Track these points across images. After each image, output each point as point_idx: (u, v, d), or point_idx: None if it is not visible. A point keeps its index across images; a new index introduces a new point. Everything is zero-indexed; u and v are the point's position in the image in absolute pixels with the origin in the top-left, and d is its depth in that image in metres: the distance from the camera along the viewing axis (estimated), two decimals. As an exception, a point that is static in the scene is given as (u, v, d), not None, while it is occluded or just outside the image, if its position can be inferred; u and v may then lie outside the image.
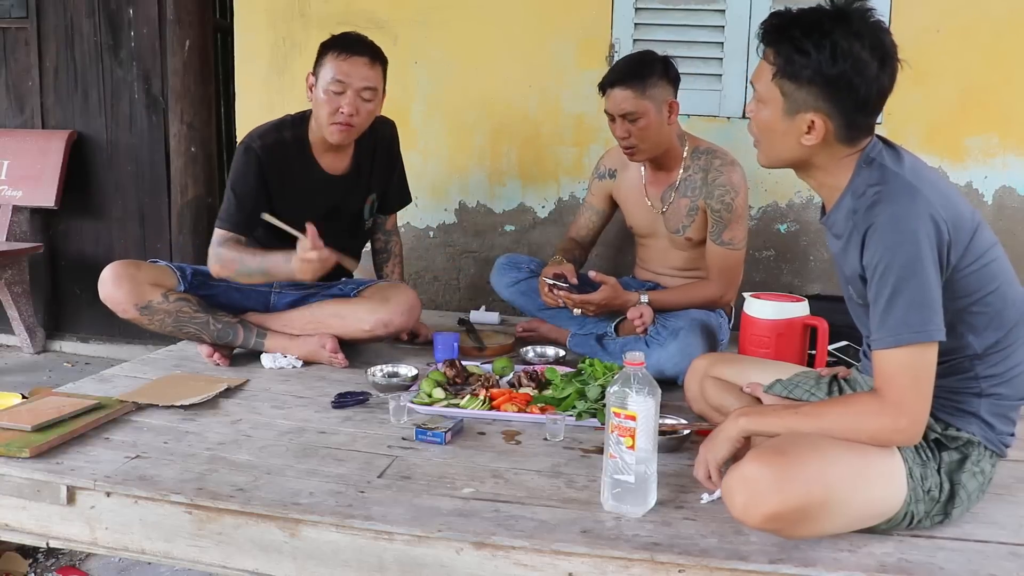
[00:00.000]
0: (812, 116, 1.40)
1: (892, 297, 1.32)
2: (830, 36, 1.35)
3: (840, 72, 1.36)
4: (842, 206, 1.46)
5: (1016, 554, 1.37)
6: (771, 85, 1.43)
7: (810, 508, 1.31)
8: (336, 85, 2.24)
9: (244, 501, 1.50)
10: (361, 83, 2.25)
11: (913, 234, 1.32)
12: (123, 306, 2.27)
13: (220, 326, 2.34)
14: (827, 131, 1.41)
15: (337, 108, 2.25)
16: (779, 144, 1.47)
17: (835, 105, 1.39)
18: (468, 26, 3.11)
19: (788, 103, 1.42)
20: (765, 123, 1.47)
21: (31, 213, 3.69)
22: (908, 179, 1.38)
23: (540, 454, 1.77)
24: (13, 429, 1.72)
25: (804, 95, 1.40)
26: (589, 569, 1.37)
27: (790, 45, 1.39)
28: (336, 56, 2.25)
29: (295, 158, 2.37)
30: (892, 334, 1.32)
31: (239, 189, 2.33)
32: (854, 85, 1.37)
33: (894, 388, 1.33)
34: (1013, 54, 2.76)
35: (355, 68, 2.25)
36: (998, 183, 2.85)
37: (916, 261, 1.31)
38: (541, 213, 3.18)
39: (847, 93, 1.37)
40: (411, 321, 2.44)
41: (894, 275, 1.32)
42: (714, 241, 2.40)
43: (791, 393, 1.74)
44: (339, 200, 2.45)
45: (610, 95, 2.31)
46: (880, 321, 1.34)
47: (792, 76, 1.40)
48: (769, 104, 1.45)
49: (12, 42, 3.68)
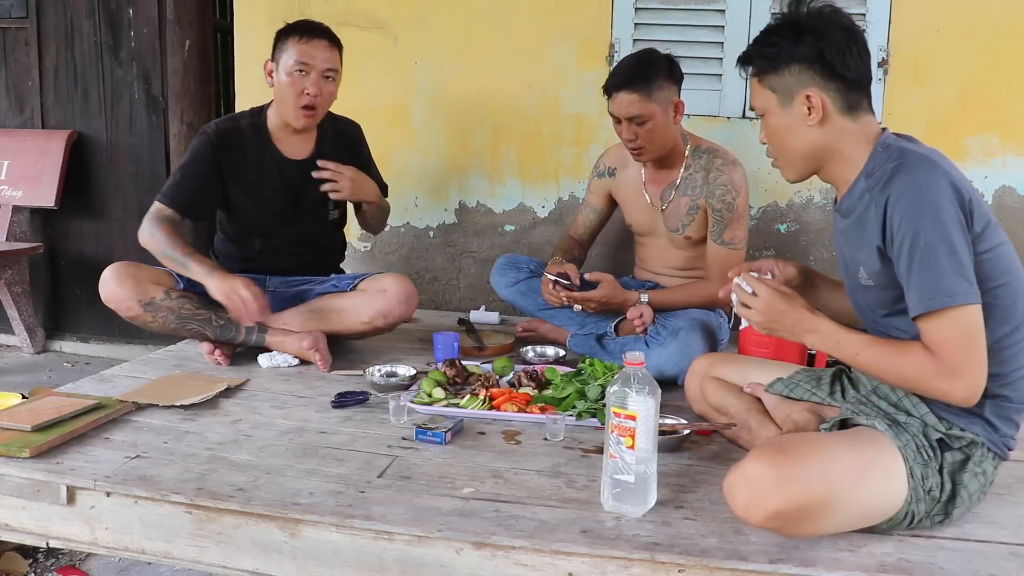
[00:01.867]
0: (805, 92, 1.47)
1: (921, 265, 1.34)
2: (788, 23, 1.50)
3: (808, 44, 1.46)
4: (855, 189, 1.48)
5: (1016, 554, 1.37)
6: (761, 90, 1.53)
7: (812, 507, 1.31)
8: (300, 67, 2.32)
9: (244, 501, 1.50)
10: (324, 64, 2.34)
11: (936, 200, 1.34)
12: (127, 303, 2.27)
13: (222, 323, 2.34)
14: (824, 103, 1.47)
15: (302, 90, 2.33)
16: (792, 141, 1.52)
17: (819, 74, 1.47)
18: (468, 26, 3.11)
19: (780, 95, 1.50)
20: (772, 129, 1.54)
21: (31, 213, 3.69)
22: (925, 153, 1.42)
23: (540, 454, 1.77)
24: (13, 429, 1.72)
25: (788, 79, 1.49)
26: (589, 569, 1.37)
27: (759, 48, 1.53)
28: (298, 40, 2.34)
29: (251, 143, 2.44)
30: (926, 300, 1.34)
31: (187, 169, 2.40)
32: (823, 52, 1.45)
33: (946, 352, 1.34)
34: (1013, 54, 2.76)
35: (317, 50, 2.34)
36: (998, 183, 2.85)
37: (942, 226, 1.33)
38: (541, 213, 3.18)
39: (823, 59, 1.45)
40: (409, 311, 2.44)
41: (923, 241, 1.33)
42: (714, 241, 2.40)
43: (792, 392, 1.74)
44: (300, 185, 2.46)
45: (615, 99, 2.30)
46: (914, 288, 1.35)
47: (771, 68, 1.50)
48: (768, 108, 1.53)
49: (12, 42, 3.68)
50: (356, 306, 2.41)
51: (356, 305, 2.41)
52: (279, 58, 2.36)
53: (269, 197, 2.45)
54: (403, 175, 3.26)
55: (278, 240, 2.52)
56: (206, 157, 2.39)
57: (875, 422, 1.44)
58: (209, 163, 2.39)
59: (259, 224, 2.50)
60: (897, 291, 1.42)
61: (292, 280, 2.54)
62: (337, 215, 2.60)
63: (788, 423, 1.69)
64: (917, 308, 1.35)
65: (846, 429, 1.51)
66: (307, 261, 2.59)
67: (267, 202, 2.46)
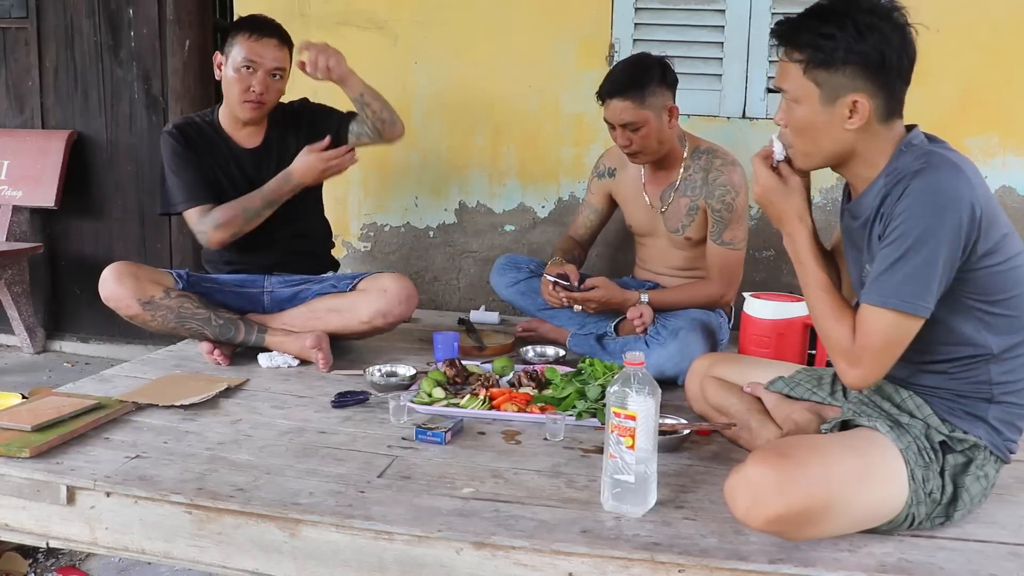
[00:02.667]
0: (853, 97, 1.39)
1: (897, 262, 1.34)
2: (848, 15, 1.36)
3: (871, 46, 1.36)
4: (873, 189, 1.45)
5: (1016, 554, 1.37)
6: (803, 80, 1.41)
7: (813, 510, 1.30)
8: (247, 63, 2.36)
9: (244, 501, 1.50)
10: (272, 63, 2.38)
11: (941, 210, 1.32)
12: (126, 302, 2.27)
13: (222, 322, 2.35)
14: (870, 110, 1.39)
15: (248, 87, 2.37)
16: (823, 138, 1.44)
17: (872, 81, 1.38)
18: (468, 26, 3.11)
19: (825, 92, 1.40)
20: (803, 121, 1.45)
21: (31, 213, 3.68)
22: (953, 159, 1.38)
23: (540, 454, 1.77)
24: (13, 429, 1.72)
25: (840, 78, 1.39)
26: (589, 569, 1.37)
27: (812, 34, 1.39)
28: (248, 37, 2.37)
29: (207, 133, 2.49)
30: (883, 296, 1.35)
31: (177, 165, 2.42)
32: (886, 56, 1.36)
33: (867, 343, 1.38)
34: (1013, 54, 2.76)
35: (266, 49, 2.37)
36: (998, 183, 2.85)
37: (932, 237, 1.31)
38: (541, 213, 3.18)
39: (881, 66, 1.37)
40: (409, 311, 2.44)
41: (908, 242, 1.33)
42: (714, 241, 2.40)
43: (792, 391, 1.74)
44: (253, 172, 2.48)
45: (609, 105, 2.31)
46: (876, 278, 1.37)
47: (824, 63, 1.38)
48: (804, 100, 1.43)
49: (12, 42, 3.67)
50: (355, 306, 2.41)
51: (355, 305, 2.41)
52: (228, 52, 2.39)
53: (228, 187, 2.47)
54: (403, 175, 3.26)
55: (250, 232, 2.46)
56: (179, 150, 2.43)
57: (877, 423, 1.44)
58: (185, 153, 2.43)
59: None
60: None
61: (290, 279, 2.54)
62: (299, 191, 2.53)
63: (788, 423, 1.68)
64: (871, 296, 1.37)
65: (847, 430, 1.51)
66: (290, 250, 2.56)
67: (227, 193, 2.45)
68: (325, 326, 2.41)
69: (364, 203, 3.32)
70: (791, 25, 1.42)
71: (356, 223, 3.33)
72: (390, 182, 3.29)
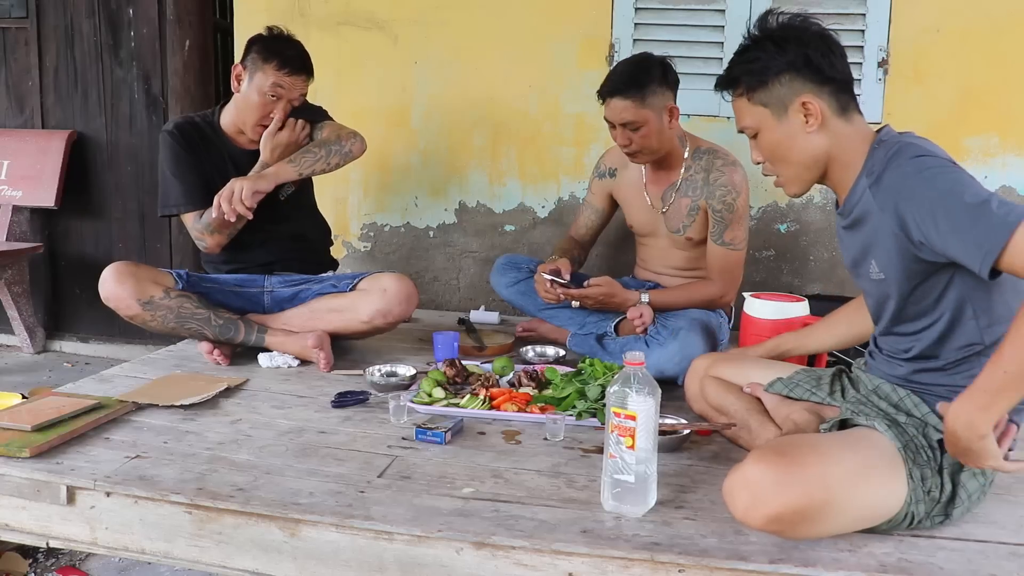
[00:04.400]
0: (799, 100, 1.47)
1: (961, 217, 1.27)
2: (764, 38, 1.51)
3: (792, 51, 1.46)
4: (857, 187, 1.49)
5: (1016, 554, 1.37)
6: (751, 108, 1.53)
7: (811, 509, 1.30)
8: (274, 92, 2.39)
9: (244, 501, 1.50)
10: (296, 94, 2.43)
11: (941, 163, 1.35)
12: (126, 302, 2.27)
13: (221, 322, 2.35)
14: (821, 107, 1.47)
15: (269, 113, 2.41)
16: (794, 152, 1.51)
17: (809, 80, 1.47)
18: (468, 26, 3.11)
19: (774, 108, 1.50)
20: (770, 144, 1.53)
21: (31, 213, 3.69)
22: (920, 142, 1.43)
23: (540, 454, 1.77)
24: (13, 429, 1.72)
25: (780, 90, 1.49)
26: (589, 569, 1.37)
27: (741, 67, 1.52)
28: (278, 69, 2.39)
29: (206, 134, 2.50)
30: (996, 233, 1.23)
31: (175, 167, 2.44)
32: (810, 56, 1.46)
33: None
34: (1013, 54, 2.76)
35: (295, 85, 2.42)
36: (998, 183, 2.85)
37: (958, 180, 1.31)
38: (541, 213, 3.18)
39: (808, 64, 1.46)
40: (409, 311, 2.44)
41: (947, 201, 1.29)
42: (715, 241, 2.40)
43: (791, 392, 1.74)
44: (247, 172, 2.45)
45: (609, 104, 2.31)
46: (969, 242, 1.26)
47: (760, 83, 1.50)
48: (762, 125, 1.53)
49: (12, 42, 3.68)
50: (355, 306, 2.41)
51: (355, 305, 2.41)
52: (254, 74, 2.40)
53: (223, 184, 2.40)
54: (403, 175, 3.27)
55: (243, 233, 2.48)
56: (178, 152, 2.44)
57: (875, 422, 1.44)
58: (183, 155, 2.44)
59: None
60: (911, 282, 1.42)
61: (290, 279, 2.54)
62: (292, 189, 2.54)
63: (788, 423, 1.68)
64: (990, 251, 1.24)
65: (846, 429, 1.51)
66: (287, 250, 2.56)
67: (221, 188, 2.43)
68: (325, 326, 2.41)
69: (364, 203, 3.32)
70: (724, 74, 1.57)
71: (356, 223, 3.33)
72: (390, 182, 3.29)
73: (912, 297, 1.45)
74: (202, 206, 2.41)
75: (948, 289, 1.41)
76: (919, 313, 1.46)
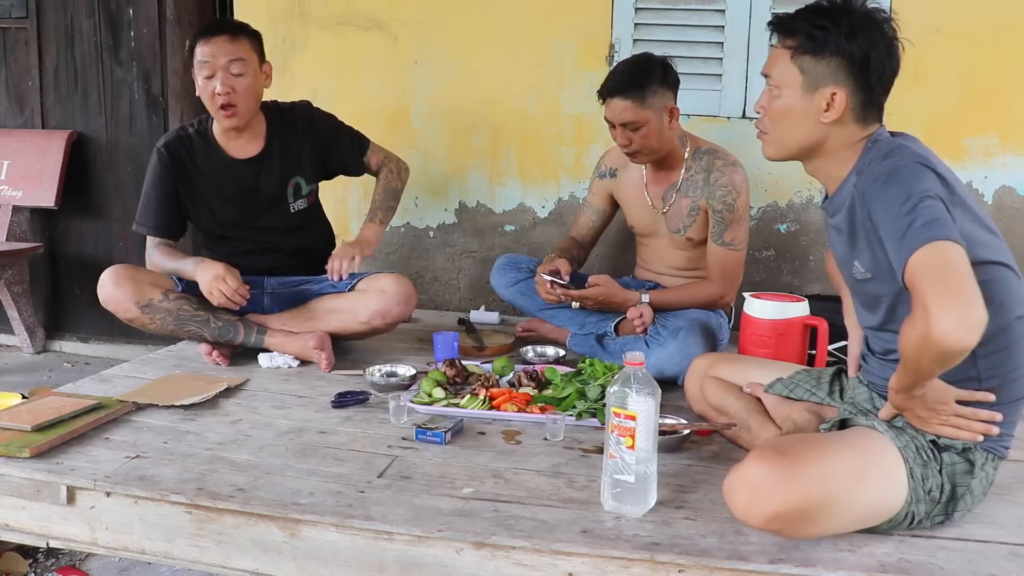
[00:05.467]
0: (832, 89, 1.44)
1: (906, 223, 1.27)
2: (844, 14, 1.43)
3: (859, 45, 1.42)
4: (846, 186, 1.47)
5: (1016, 554, 1.37)
6: (789, 66, 1.47)
7: (811, 508, 1.30)
8: (204, 68, 2.29)
9: (244, 501, 1.50)
10: (225, 58, 2.28)
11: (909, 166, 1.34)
12: (125, 305, 2.27)
13: (221, 324, 2.34)
14: (846, 106, 1.44)
15: (213, 92, 2.29)
16: (795, 126, 1.48)
17: (854, 78, 1.43)
18: (468, 26, 3.10)
19: (807, 80, 1.45)
20: (781, 107, 1.49)
21: (31, 213, 3.68)
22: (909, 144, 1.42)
23: (540, 454, 1.77)
24: (13, 429, 1.72)
25: (824, 68, 1.44)
26: (589, 569, 1.37)
27: (807, 23, 1.45)
28: (201, 43, 2.30)
29: (199, 148, 2.45)
30: (908, 246, 1.25)
31: (150, 192, 2.45)
32: (871, 58, 1.42)
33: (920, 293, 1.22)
34: (1013, 54, 2.76)
35: (217, 47, 2.28)
36: (998, 183, 2.85)
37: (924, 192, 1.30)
38: (541, 213, 3.18)
39: (864, 66, 1.42)
40: (408, 311, 2.43)
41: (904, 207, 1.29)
42: (715, 241, 2.40)
43: (791, 392, 1.74)
44: (250, 183, 2.46)
45: (609, 104, 2.31)
46: (899, 246, 1.28)
47: (813, 51, 1.44)
48: (786, 87, 1.48)
49: (12, 42, 3.67)
50: (354, 306, 2.41)
51: (354, 306, 2.41)
52: (191, 69, 2.36)
53: (223, 201, 2.46)
54: (403, 175, 3.26)
55: (246, 243, 2.51)
56: (161, 175, 2.42)
57: (874, 422, 1.44)
58: (165, 180, 2.42)
59: (222, 229, 2.51)
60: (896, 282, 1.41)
61: (290, 281, 2.54)
62: (305, 205, 2.53)
63: (788, 423, 1.69)
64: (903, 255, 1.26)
65: (846, 429, 1.51)
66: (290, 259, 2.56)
67: (223, 206, 2.46)
68: (324, 326, 2.40)
69: (364, 203, 3.31)
70: (790, 15, 1.49)
71: (356, 223, 3.32)
72: (390, 182, 3.29)
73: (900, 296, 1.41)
74: (161, 235, 2.44)
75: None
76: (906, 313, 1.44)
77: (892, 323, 1.49)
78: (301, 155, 2.48)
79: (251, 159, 2.45)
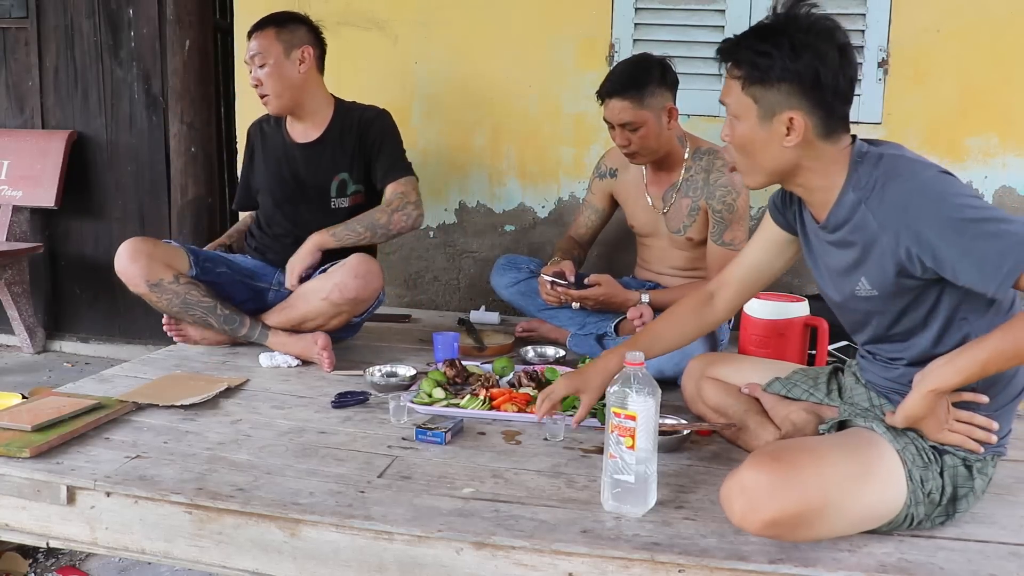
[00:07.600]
0: (788, 114, 1.40)
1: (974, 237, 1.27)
2: (785, 34, 1.38)
3: (805, 64, 1.37)
4: (844, 202, 1.43)
5: (1016, 554, 1.37)
6: (742, 96, 1.44)
7: (808, 513, 1.30)
8: (249, 62, 2.46)
9: (244, 501, 1.50)
10: (249, 53, 2.44)
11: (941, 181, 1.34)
12: (135, 280, 2.32)
13: (227, 312, 2.38)
14: (806, 127, 1.40)
15: (258, 84, 2.45)
16: (762, 155, 1.46)
17: (808, 99, 1.39)
18: (468, 26, 3.11)
19: (762, 109, 1.42)
20: (743, 137, 1.46)
21: (31, 213, 3.69)
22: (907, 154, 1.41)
23: (540, 454, 1.77)
24: (13, 429, 1.72)
25: (776, 95, 1.40)
26: (589, 569, 1.37)
27: (750, 51, 1.41)
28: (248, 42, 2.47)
29: (271, 128, 2.62)
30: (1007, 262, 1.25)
31: (243, 167, 2.72)
32: (820, 75, 1.38)
33: None
34: (1013, 54, 2.76)
35: (257, 43, 2.44)
36: (998, 183, 2.85)
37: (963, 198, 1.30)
38: (541, 213, 3.18)
39: (816, 84, 1.38)
40: (367, 287, 2.37)
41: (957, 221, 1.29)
42: (715, 242, 2.40)
43: (789, 392, 1.74)
44: (300, 167, 2.52)
45: (608, 105, 2.31)
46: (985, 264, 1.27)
47: (760, 80, 1.41)
48: (743, 116, 1.45)
49: (12, 42, 3.68)
50: (316, 286, 2.38)
51: (316, 285, 2.39)
52: None
53: (275, 181, 2.56)
54: (403, 175, 3.26)
55: (280, 227, 2.57)
56: (245, 151, 2.69)
57: (873, 424, 1.44)
58: (246, 156, 2.69)
59: (269, 210, 2.61)
60: (905, 299, 1.41)
61: None
62: (347, 204, 2.51)
63: (786, 423, 1.68)
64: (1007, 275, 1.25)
65: (845, 430, 1.50)
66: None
67: (273, 186, 2.57)
68: (294, 313, 2.40)
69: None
70: (733, 42, 1.46)
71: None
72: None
73: (905, 311, 1.42)
74: (239, 207, 2.75)
75: (939, 302, 1.40)
76: (910, 325, 1.44)
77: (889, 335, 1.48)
78: (351, 154, 2.51)
79: (306, 144, 2.53)
